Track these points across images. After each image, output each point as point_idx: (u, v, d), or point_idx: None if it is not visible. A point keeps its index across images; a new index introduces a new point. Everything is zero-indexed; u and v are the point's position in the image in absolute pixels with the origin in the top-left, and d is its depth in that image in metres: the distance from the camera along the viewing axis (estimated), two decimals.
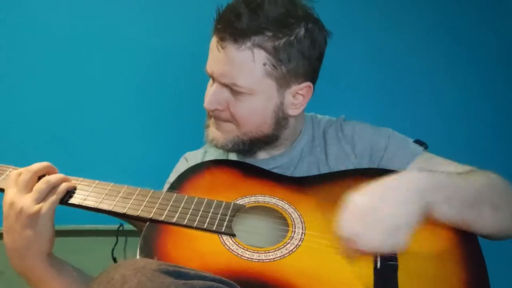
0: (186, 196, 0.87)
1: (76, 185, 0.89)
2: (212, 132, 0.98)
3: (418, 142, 0.99)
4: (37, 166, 0.86)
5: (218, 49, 0.90)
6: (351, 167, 0.98)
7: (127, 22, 1.63)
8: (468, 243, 0.82)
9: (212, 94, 0.93)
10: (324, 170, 0.98)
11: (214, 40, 0.91)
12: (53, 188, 0.84)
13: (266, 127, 0.96)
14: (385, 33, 1.63)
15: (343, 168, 0.98)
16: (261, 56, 0.88)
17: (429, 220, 0.83)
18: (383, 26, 1.63)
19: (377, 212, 0.73)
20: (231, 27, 0.87)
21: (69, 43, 1.61)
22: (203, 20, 0.94)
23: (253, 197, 0.89)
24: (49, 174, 0.87)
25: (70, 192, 0.88)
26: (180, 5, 1.62)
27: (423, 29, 1.64)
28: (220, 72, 0.91)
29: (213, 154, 1.08)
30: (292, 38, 0.89)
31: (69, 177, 0.90)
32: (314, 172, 0.99)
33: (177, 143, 1.22)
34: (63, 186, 0.85)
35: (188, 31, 1.59)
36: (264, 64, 0.89)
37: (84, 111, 1.64)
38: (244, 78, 0.89)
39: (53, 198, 0.83)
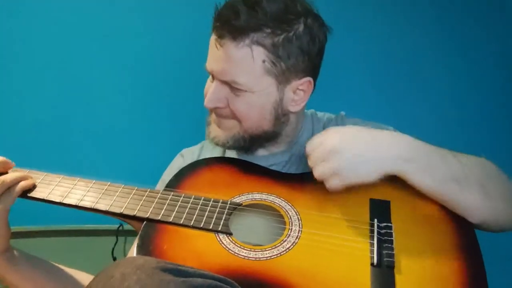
0: (183, 195, 0.87)
1: (35, 183, 0.87)
2: (214, 130, 0.99)
3: None
4: None
5: (217, 47, 0.90)
6: None
7: (126, 19, 1.62)
8: (466, 240, 0.81)
9: (212, 93, 0.93)
10: None
11: (212, 37, 0.91)
12: (8, 188, 0.83)
13: (265, 123, 0.96)
14: (386, 32, 1.63)
15: None
16: (260, 53, 0.88)
17: (427, 218, 0.83)
18: (384, 24, 1.63)
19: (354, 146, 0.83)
20: (229, 25, 0.87)
21: (68, 40, 1.61)
22: (203, 16, 0.94)
23: (250, 195, 0.89)
24: (4, 170, 0.87)
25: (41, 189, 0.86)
26: (179, 2, 1.62)
27: (423, 27, 1.63)
28: (220, 70, 0.91)
29: (209, 148, 1.08)
30: (291, 34, 0.89)
31: (33, 172, 0.90)
32: None
33: (176, 141, 1.22)
34: (19, 187, 0.84)
35: (188, 28, 1.59)
36: (263, 61, 0.89)
37: (83, 110, 1.64)
38: (244, 76, 0.90)
39: (8, 200, 0.83)
